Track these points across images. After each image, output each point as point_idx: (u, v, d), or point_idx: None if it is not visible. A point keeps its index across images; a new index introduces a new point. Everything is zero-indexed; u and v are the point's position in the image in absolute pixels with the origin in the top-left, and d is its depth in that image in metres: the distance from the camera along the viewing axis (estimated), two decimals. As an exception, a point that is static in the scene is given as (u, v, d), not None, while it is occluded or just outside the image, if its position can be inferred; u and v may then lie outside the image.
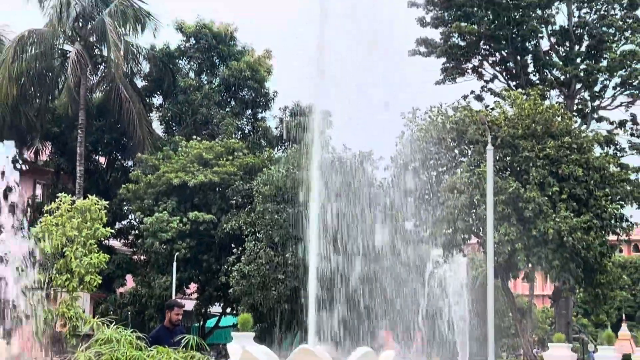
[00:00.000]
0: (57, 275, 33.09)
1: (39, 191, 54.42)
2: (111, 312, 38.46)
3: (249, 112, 53.01)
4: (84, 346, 10.30)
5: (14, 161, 13.65)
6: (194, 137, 46.83)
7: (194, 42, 52.30)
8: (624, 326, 55.65)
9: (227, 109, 51.31)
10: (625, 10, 50.66)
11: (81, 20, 48.61)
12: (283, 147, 50.63)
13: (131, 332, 10.45)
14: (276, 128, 52.24)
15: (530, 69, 51.98)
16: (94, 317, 31.56)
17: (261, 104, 52.84)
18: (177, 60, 52.60)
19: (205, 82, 52.25)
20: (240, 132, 50.68)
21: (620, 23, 50.31)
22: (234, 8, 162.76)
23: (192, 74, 52.88)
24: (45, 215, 34.76)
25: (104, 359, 9.68)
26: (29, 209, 48.23)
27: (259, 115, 53.35)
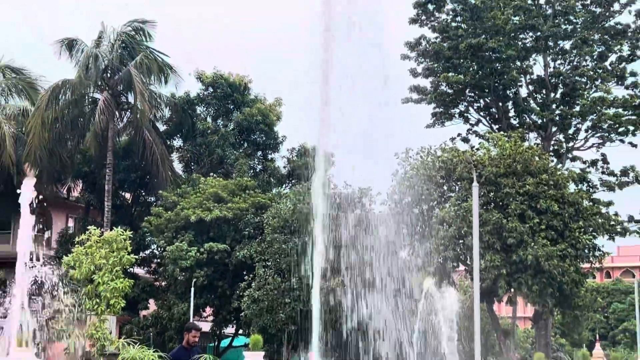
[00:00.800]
0: (86, 299, 33.08)
1: (71, 224, 54.45)
2: (135, 333, 38.40)
3: (259, 153, 53.07)
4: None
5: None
6: (211, 174, 46.93)
7: (212, 90, 52.46)
8: (597, 346, 55.21)
9: (241, 150, 51.37)
10: (595, 62, 50.92)
11: (109, 71, 48.89)
12: (290, 184, 50.67)
13: (153, 351, 10.38)
14: (284, 167, 52.33)
15: (511, 113, 52.07)
16: (119, 338, 31.55)
17: (271, 146, 52.90)
18: (195, 107, 52.75)
19: (221, 126, 52.34)
20: (252, 171, 50.67)
21: (591, 73, 50.49)
22: (249, 60, 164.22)
23: (209, 119, 52.97)
24: (77, 245, 34.83)
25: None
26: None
27: (269, 156, 53.40)
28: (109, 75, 49.01)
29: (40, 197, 15.52)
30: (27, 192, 12.58)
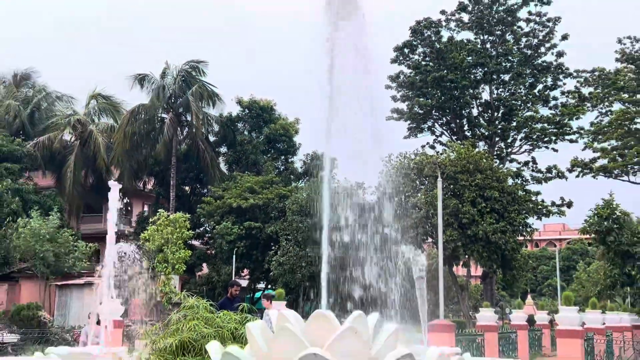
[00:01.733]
0: (157, 264, 33.24)
1: (146, 209, 54.63)
2: (192, 289, 38.50)
3: (282, 157, 53.05)
4: (176, 310, 10.29)
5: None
6: (247, 173, 47.01)
7: (247, 111, 52.48)
8: (528, 297, 55.18)
9: (268, 155, 51.41)
10: (527, 89, 50.98)
11: (173, 98, 48.98)
12: (305, 180, 50.66)
13: (206, 301, 10.41)
14: (300, 167, 52.29)
15: (465, 128, 51.98)
16: (181, 292, 31.63)
17: (290, 151, 52.89)
18: (236, 123, 52.76)
19: (254, 138, 52.39)
20: (276, 170, 50.67)
21: (524, 98, 50.62)
22: (274, 88, 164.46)
23: (246, 132, 52.98)
24: (150, 224, 34.97)
25: (189, 318, 9.66)
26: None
27: (289, 159, 53.38)
28: (172, 100, 49.13)
29: (122, 187, 15.70)
30: (114, 191, 12.59)
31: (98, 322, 13.75)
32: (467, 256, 39.03)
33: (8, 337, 22.41)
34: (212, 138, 53.10)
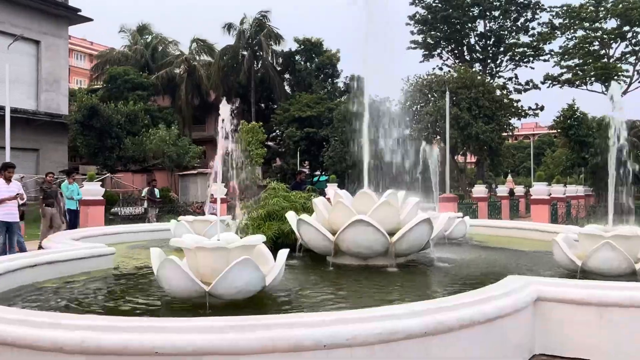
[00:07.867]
0: (244, 158, 33.78)
1: (235, 120, 54.91)
2: (270, 176, 39.23)
3: (329, 80, 51.92)
4: (262, 191, 10.52)
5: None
6: (304, 92, 46.41)
7: (303, 47, 51.05)
8: (509, 176, 54.52)
9: (319, 79, 50.38)
10: (512, 22, 48.47)
11: (250, 39, 47.87)
12: (346, 95, 49.79)
13: (283, 184, 10.58)
14: (342, 87, 51.13)
15: (465, 53, 49.85)
16: (263, 178, 32.21)
17: (335, 75, 51.63)
18: (295, 56, 51.51)
19: (308, 66, 51.22)
20: (325, 90, 49.79)
21: (510, 28, 48.22)
22: (322, 26, 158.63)
23: (301, 62, 51.79)
24: (240, 129, 35.31)
25: (272, 196, 9.86)
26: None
27: (334, 81, 52.20)
28: (250, 41, 48.09)
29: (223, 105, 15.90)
30: (224, 108, 12.49)
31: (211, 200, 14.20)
32: (465, 148, 38.49)
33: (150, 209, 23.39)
34: (278, 68, 52.18)
